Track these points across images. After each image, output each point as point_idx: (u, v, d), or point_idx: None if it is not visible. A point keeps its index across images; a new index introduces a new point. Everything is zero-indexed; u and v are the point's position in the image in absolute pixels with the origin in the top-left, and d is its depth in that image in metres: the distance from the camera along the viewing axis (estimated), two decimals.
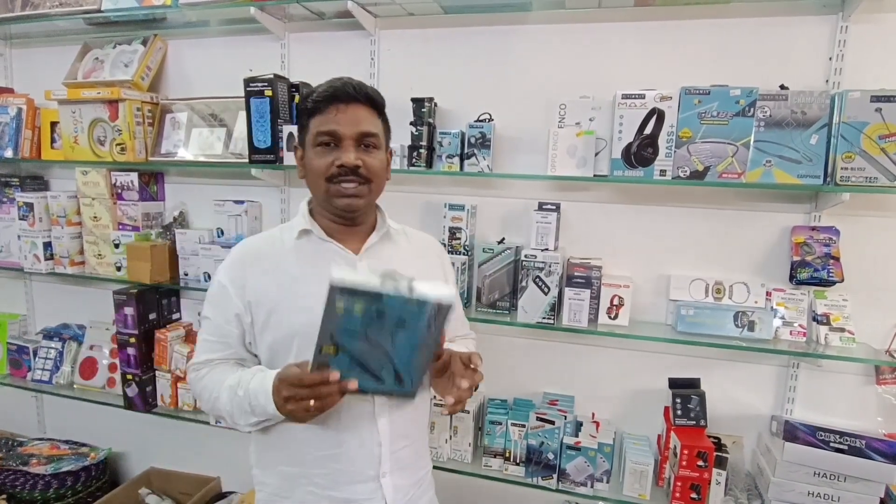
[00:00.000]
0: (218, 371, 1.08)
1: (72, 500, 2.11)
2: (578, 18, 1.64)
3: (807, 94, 1.40)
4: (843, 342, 1.48)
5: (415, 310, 0.86)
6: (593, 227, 1.70)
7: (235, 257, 1.09)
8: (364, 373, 0.90)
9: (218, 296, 1.07)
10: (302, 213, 1.11)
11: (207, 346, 1.10)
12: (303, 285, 1.04)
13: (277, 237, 1.11)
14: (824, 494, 1.43)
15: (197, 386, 1.11)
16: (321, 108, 1.02)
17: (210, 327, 1.09)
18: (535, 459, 1.62)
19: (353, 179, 1.02)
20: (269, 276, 1.05)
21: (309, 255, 1.07)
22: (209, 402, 1.08)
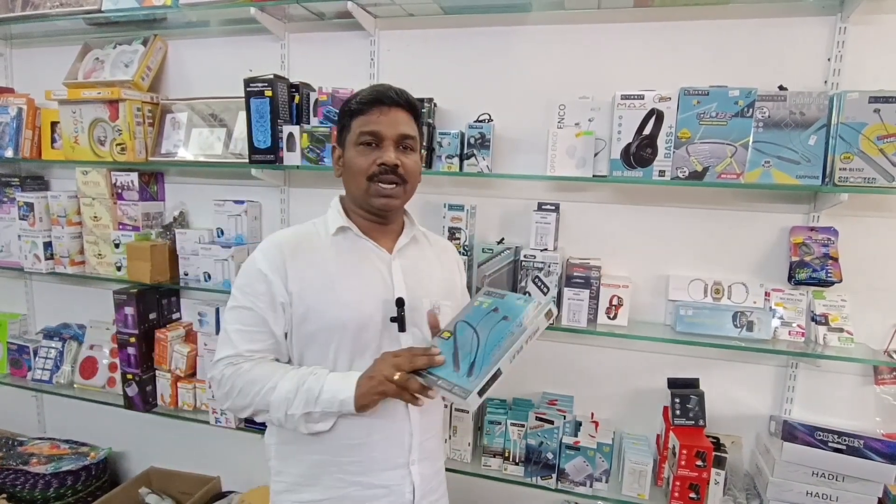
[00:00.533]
0: (269, 365, 1.06)
1: (72, 499, 2.12)
2: (578, 19, 1.64)
3: (805, 94, 1.40)
4: (841, 342, 1.48)
5: (521, 305, 1.01)
6: (592, 228, 1.71)
7: (272, 248, 1.08)
8: (450, 362, 0.97)
9: (258, 284, 1.06)
10: (337, 210, 1.14)
11: (245, 336, 1.07)
12: (344, 280, 1.07)
13: (313, 232, 1.13)
14: (823, 494, 1.43)
15: (239, 380, 1.04)
16: (364, 109, 1.07)
17: (247, 317, 1.07)
18: (534, 459, 1.63)
19: (391, 179, 1.07)
20: (312, 269, 1.07)
21: (347, 252, 1.10)
22: (253, 396, 1.03)
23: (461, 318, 1.07)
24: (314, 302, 1.05)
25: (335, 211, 1.14)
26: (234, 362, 1.06)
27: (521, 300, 1.03)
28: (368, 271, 1.10)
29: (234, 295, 1.10)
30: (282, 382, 1.02)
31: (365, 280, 1.09)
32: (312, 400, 1.01)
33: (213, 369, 1.09)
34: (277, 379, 1.03)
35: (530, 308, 0.99)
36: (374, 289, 1.09)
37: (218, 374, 1.08)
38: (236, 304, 1.09)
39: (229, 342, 1.08)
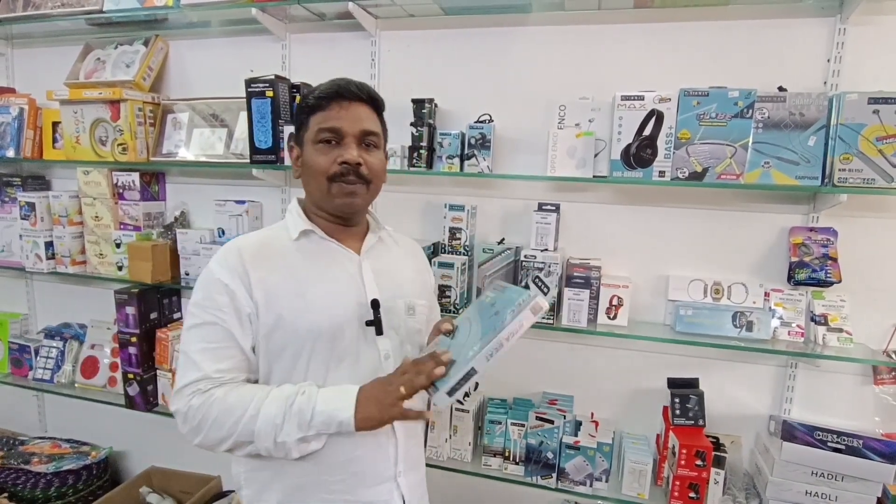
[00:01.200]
0: (248, 388, 0.96)
1: (73, 498, 2.12)
2: (578, 20, 1.65)
3: (805, 95, 1.41)
4: (840, 342, 1.48)
5: (513, 298, 0.95)
6: (592, 228, 1.71)
7: (230, 255, 1.00)
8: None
9: (219, 295, 0.97)
10: (297, 214, 1.07)
11: (210, 355, 0.95)
12: (314, 285, 1.00)
13: (274, 237, 1.06)
14: (822, 494, 1.44)
15: (215, 408, 0.92)
16: (323, 105, 1.01)
17: (211, 333, 0.96)
18: (534, 459, 1.63)
19: (353, 179, 1.00)
20: (277, 275, 0.99)
21: (313, 256, 1.04)
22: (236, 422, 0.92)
23: (466, 313, 1.06)
24: (283, 310, 0.97)
25: (294, 214, 1.07)
26: (202, 389, 0.94)
27: (516, 293, 0.97)
28: (338, 274, 1.04)
29: (192, 312, 0.99)
30: (265, 407, 0.91)
31: (336, 283, 1.02)
32: (305, 423, 0.91)
33: (177, 400, 0.95)
34: (258, 403, 0.92)
35: (517, 303, 0.92)
36: (346, 292, 1.02)
37: (183, 406, 0.94)
38: (196, 321, 0.97)
39: (193, 365, 0.95)
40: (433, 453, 1.74)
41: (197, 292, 1.00)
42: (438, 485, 1.86)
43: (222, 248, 1.03)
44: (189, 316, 1.00)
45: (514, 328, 0.89)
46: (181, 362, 0.98)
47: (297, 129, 1.07)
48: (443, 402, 0.88)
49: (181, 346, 1.00)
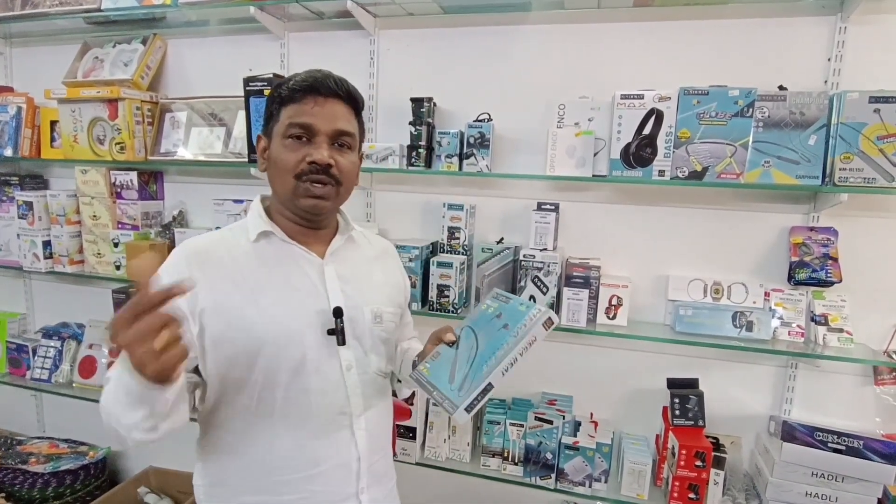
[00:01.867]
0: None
1: (70, 498, 2.11)
2: (577, 19, 1.64)
3: (805, 94, 1.40)
4: (841, 342, 1.48)
5: (522, 311, 0.95)
6: (592, 228, 1.70)
7: (178, 259, 0.93)
8: (447, 372, 0.95)
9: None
10: (257, 213, 1.00)
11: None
12: (269, 292, 0.94)
13: (229, 238, 0.99)
14: (822, 495, 1.43)
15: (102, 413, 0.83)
16: (297, 97, 0.94)
17: None
18: (533, 459, 1.63)
19: (323, 179, 0.94)
20: (227, 281, 0.93)
21: (271, 260, 0.97)
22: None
23: (467, 322, 1.03)
24: (233, 319, 0.91)
25: (255, 214, 1.00)
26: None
27: (523, 306, 0.98)
28: (297, 280, 0.97)
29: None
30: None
31: (293, 290, 0.96)
32: (129, 402, 0.77)
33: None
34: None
35: (528, 316, 0.93)
36: (304, 299, 0.96)
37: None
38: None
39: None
40: (431, 454, 1.74)
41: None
42: (437, 485, 1.86)
43: (172, 252, 0.96)
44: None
45: (527, 343, 0.91)
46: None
47: (266, 120, 1.00)
48: (462, 418, 0.88)
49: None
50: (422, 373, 0.99)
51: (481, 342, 0.95)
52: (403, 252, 1.67)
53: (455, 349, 0.98)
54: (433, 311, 1.68)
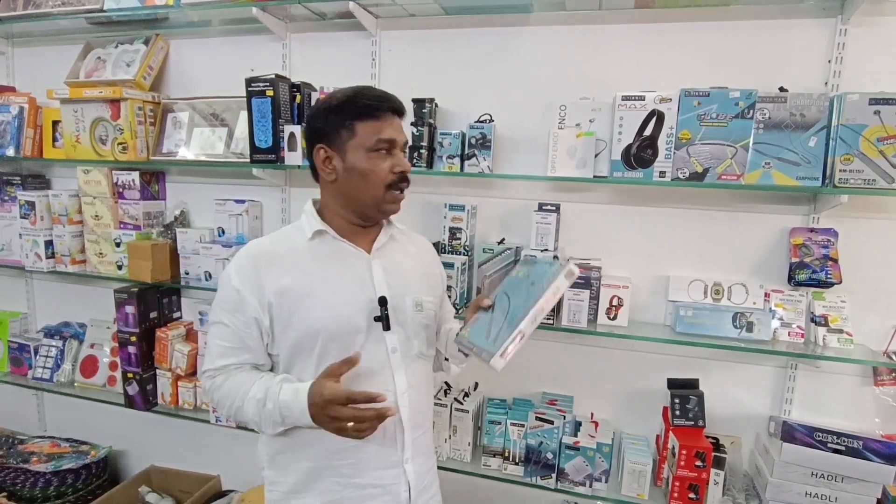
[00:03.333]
0: (236, 379, 1.07)
1: (72, 497, 2.12)
2: (579, 20, 1.65)
3: (806, 96, 1.41)
4: (841, 343, 1.48)
5: (546, 269, 1.09)
6: (593, 228, 1.71)
7: (245, 260, 1.08)
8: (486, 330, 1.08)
9: (233, 301, 1.06)
10: (311, 215, 1.12)
11: (222, 350, 1.08)
12: (323, 284, 1.06)
13: (288, 237, 1.13)
14: (821, 495, 1.44)
15: (216, 394, 1.09)
16: (378, 114, 1.06)
17: (225, 333, 1.08)
18: (534, 459, 1.63)
19: (404, 186, 1.10)
20: (289, 275, 1.06)
21: (325, 255, 1.09)
22: (230, 409, 1.08)
23: (500, 289, 1.16)
24: (295, 308, 1.05)
25: (309, 215, 1.13)
26: (211, 376, 1.09)
27: (547, 264, 1.11)
28: (348, 273, 1.10)
29: (214, 309, 1.10)
30: (246, 405, 1.04)
31: (345, 282, 1.09)
32: (279, 422, 1.03)
33: (203, 380, 1.13)
34: (242, 398, 1.05)
35: (552, 272, 1.06)
36: (354, 290, 1.08)
37: (204, 383, 1.13)
38: (215, 318, 1.10)
39: (209, 356, 1.11)
40: None
41: (218, 292, 1.10)
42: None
43: (240, 252, 1.11)
44: (212, 311, 1.11)
45: (552, 293, 1.03)
46: (207, 348, 1.12)
47: (330, 132, 1.08)
48: (498, 364, 1.00)
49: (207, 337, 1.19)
50: (463, 336, 1.13)
51: (513, 301, 1.09)
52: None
53: (491, 312, 1.12)
54: None
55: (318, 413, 0.97)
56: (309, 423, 0.99)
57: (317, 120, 1.09)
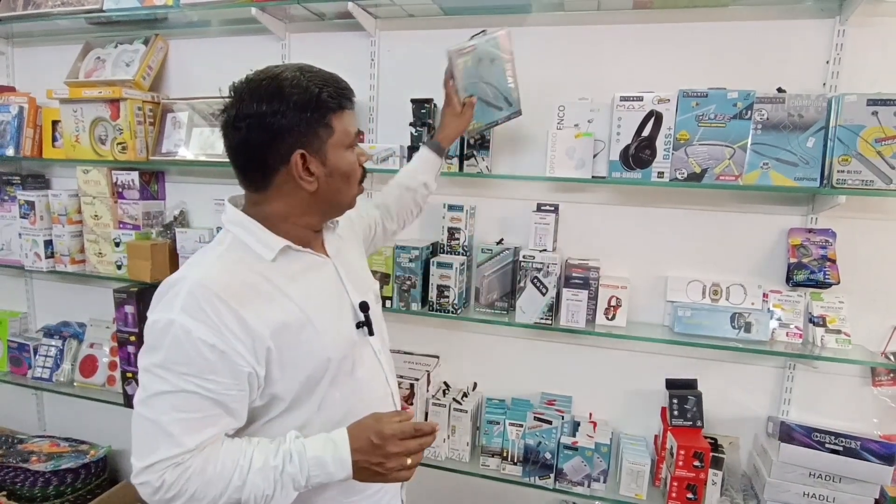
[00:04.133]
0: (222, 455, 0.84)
1: (71, 497, 2.12)
2: (577, 20, 1.65)
3: (804, 97, 1.41)
4: (839, 344, 1.48)
5: (485, 44, 1.38)
6: (591, 229, 1.71)
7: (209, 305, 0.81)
8: (490, 108, 1.45)
9: (205, 362, 0.80)
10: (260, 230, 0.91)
11: (190, 426, 0.81)
12: (311, 305, 0.91)
13: (242, 262, 0.89)
14: (819, 495, 1.44)
15: (192, 483, 0.81)
16: (345, 104, 0.92)
17: (190, 403, 0.81)
18: (532, 459, 1.63)
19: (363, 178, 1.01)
20: (276, 307, 0.87)
21: (297, 273, 0.93)
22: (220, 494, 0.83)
23: (464, 82, 1.40)
24: (297, 343, 0.88)
25: (256, 230, 0.91)
26: (178, 463, 0.81)
27: (483, 41, 1.38)
28: (323, 285, 0.97)
29: (158, 375, 0.80)
30: (251, 477, 0.83)
31: (327, 296, 0.96)
32: (301, 487, 0.86)
33: (146, 474, 0.80)
34: (243, 474, 0.83)
35: (494, 43, 1.38)
36: (337, 302, 0.97)
37: (155, 480, 0.80)
38: (166, 388, 0.80)
39: (167, 438, 0.80)
40: (431, 453, 1.74)
41: (160, 351, 0.80)
42: (436, 485, 1.87)
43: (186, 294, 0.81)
44: (152, 378, 0.81)
45: (510, 54, 1.41)
46: (146, 431, 0.81)
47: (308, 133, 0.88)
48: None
49: (143, 411, 0.81)
50: (473, 128, 1.48)
51: (489, 79, 1.41)
52: (403, 252, 1.68)
53: (481, 103, 1.44)
54: (433, 311, 1.69)
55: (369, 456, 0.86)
56: (345, 475, 0.86)
57: (283, 118, 0.86)
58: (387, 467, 0.87)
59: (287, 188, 0.92)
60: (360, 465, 0.86)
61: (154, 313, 0.84)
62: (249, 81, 0.90)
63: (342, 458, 0.85)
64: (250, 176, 0.93)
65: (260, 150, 0.89)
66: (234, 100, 0.89)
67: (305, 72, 0.91)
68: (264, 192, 0.93)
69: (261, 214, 0.93)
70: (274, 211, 0.93)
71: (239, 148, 0.90)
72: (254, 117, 0.86)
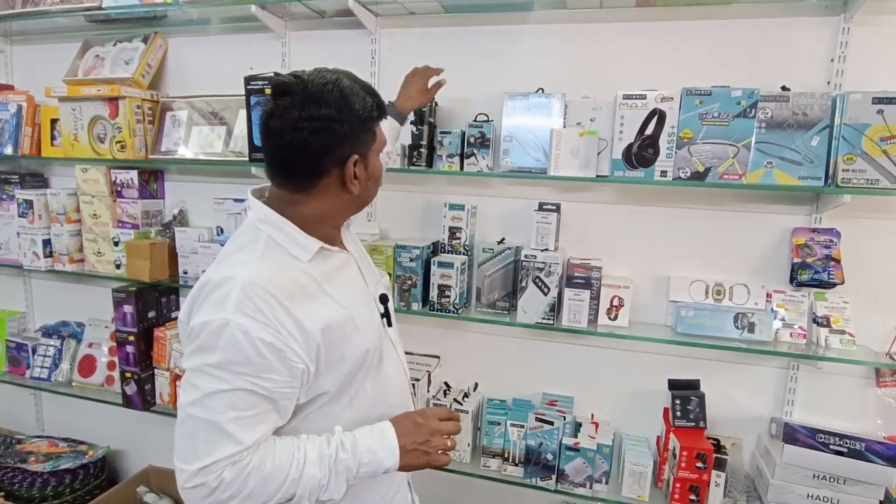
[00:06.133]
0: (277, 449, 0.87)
1: (70, 498, 2.11)
2: (579, 18, 1.64)
3: (808, 95, 1.40)
4: (843, 344, 1.47)
5: None
6: (593, 228, 1.70)
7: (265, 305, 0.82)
8: None
9: (263, 358, 0.82)
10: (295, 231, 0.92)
11: (247, 423, 0.83)
12: (349, 301, 0.95)
13: (285, 262, 0.90)
14: (823, 497, 1.43)
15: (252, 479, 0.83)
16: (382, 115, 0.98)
17: (246, 400, 0.82)
18: (533, 460, 1.62)
19: None
20: (322, 305, 0.90)
21: (332, 270, 0.96)
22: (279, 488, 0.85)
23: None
24: (343, 339, 0.91)
25: (291, 231, 0.92)
26: (236, 461, 0.82)
27: None
28: (352, 282, 1.01)
29: (215, 375, 0.81)
30: (307, 469, 0.86)
31: (357, 292, 1.00)
32: (352, 478, 0.90)
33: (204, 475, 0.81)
34: (299, 466, 0.86)
35: None
36: (365, 297, 1.01)
37: (213, 480, 0.81)
38: (224, 387, 0.81)
39: (226, 437, 0.81)
40: None
41: (216, 352, 0.81)
42: (437, 486, 1.86)
43: (237, 294, 0.82)
44: (207, 378, 0.82)
45: None
46: (201, 431, 0.82)
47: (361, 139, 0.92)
48: None
49: (197, 412, 0.82)
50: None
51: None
52: (404, 252, 1.67)
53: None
54: (434, 311, 1.68)
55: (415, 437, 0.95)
56: (393, 461, 0.92)
57: (346, 125, 0.89)
58: (432, 445, 0.95)
59: (333, 191, 0.94)
60: (407, 448, 0.93)
61: (203, 314, 0.83)
62: (310, 84, 0.89)
63: (390, 444, 0.92)
64: (297, 177, 0.92)
65: (318, 153, 0.89)
66: (295, 101, 0.88)
67: (354, 80, 0.94)
68: (307, 193, 0.93)
69: (298, 215, 0.93)
70: (313, 212, 0.94)
71: (296, 149, 0.89)
72: (320, 121, 0.87)
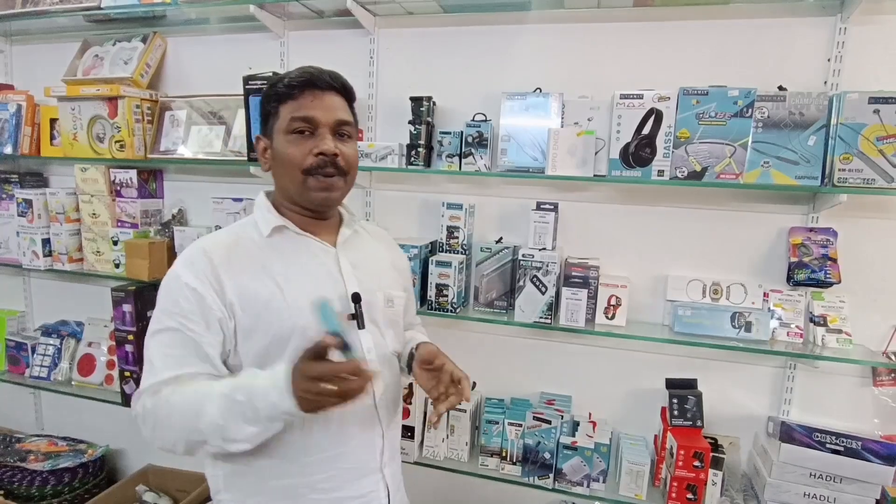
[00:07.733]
0: (190, 387, 0.89)
1: (69, 496, 2.11)
2: (577, 18, 1.64)
3: (805, 95, 1.40)
4: (840, 343, 1.48)
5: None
6: (591, 227, 1.70)
7: (198, 257, 0.95)
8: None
9: (187, 303, 0.91)
10: (266, 209, 1.02)
11: (170, 361, 0.91)
12: (292, 283, 0.97)
13: (243, 235, 1.01)
14: (820, 495, 1.43)
15: (161, 411, 0.88)
16: (295, 94, 0.97)
17: (175, 339, 0.92)
18: (531, 459, 1.62)
19: (330, 171, 0.97)
20: (251, 275, 0.95)
21: (289, 252, 1.00)
22: (183, 423, 0.87)
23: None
24: (262, 311, 0.93)
25: (263, 209, 1.02)
26: (156, 391, 0.90)
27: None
28: (315, 268, 1.01)
29: (157, 317, 0.94)
30: (207, 406, 0.85)
31: (313, 278, 0.99)
32: (251, 418, 0.84)
33: (134, 404, 0.93)
34: (202, 400, 0.86)
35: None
36: (324, 287, 0.99)
37: (140, 409, 0.91)
38: (159, 326, 0.93)
39: (151, 370, 0.92)
40: (430, 453, 1.74)
41: (162, 298, 0.95)
42: (435, 485, 1.86)
43: (187, 250, 0.97)
44: (154, 321, 0.95)
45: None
46: (144, 368, 0.94)
47: (264, 120, 1.02)
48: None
49: (145, 352, 0.95)
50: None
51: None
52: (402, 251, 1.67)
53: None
54: (431, 310, 1.68)
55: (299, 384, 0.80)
56: (289, 407, 0.80)
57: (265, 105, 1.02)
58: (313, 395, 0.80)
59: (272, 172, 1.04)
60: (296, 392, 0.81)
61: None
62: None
63: (283, 389, 0.81)
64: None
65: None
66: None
67: (307, 69, 1.01)
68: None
69: (272, 196, 1.06)
70: (275, 194, 1.06)
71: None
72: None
